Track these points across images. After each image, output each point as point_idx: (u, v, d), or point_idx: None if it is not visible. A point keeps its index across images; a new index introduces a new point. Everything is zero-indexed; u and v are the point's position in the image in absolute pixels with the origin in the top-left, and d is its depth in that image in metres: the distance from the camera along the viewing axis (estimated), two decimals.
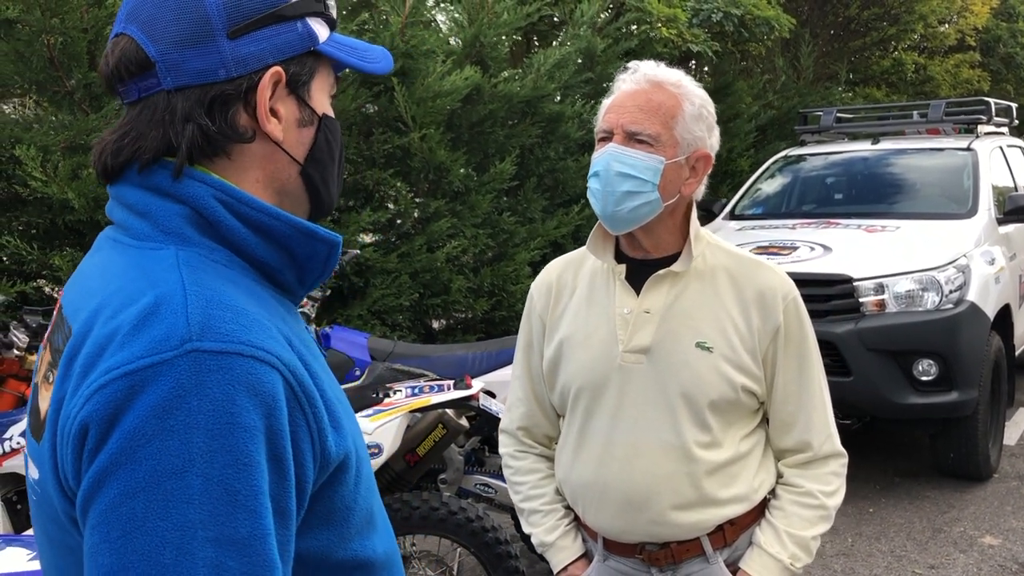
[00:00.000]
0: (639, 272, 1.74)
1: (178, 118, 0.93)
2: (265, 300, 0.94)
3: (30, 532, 2.02)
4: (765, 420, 1.79)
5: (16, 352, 2.85)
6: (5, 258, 3.83)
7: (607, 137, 1.69)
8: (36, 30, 3.85)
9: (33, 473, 0.96)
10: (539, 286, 1.90)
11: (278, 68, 0.95)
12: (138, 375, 0.81)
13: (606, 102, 1.73)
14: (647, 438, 1.69)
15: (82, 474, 0.82)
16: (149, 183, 0.94)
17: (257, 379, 0.83)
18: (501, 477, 3.48)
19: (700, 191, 1.75)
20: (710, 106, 1.73)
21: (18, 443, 2.73)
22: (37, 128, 3.92)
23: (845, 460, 1.78)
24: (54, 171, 3.80)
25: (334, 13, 1.04)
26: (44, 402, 0.92)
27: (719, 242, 1.80)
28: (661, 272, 1.72)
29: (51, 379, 0.91)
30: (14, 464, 2.72)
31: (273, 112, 0.96)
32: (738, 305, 1.71)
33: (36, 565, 1.67)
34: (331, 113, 1.04)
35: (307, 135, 1.00)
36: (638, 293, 1.73)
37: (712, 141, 1.73)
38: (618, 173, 1.65)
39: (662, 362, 1.70)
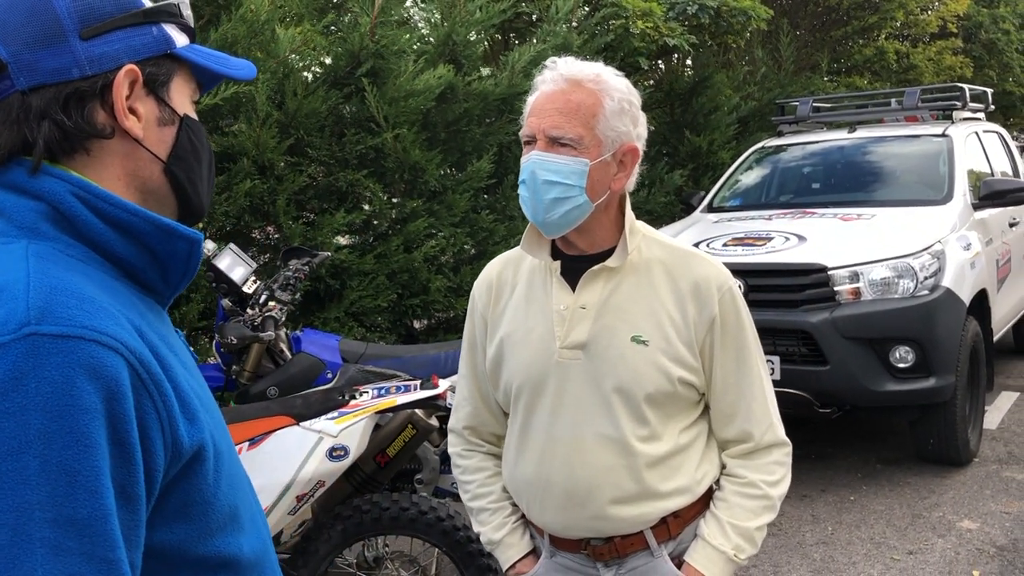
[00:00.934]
0: (575, 268, 1.74)
1: (33, 115, 0.95)
2: (120, 294, 0.96)
3: None
4: (707, 411, 1.79)
5: None
6: None
7: (531, 142, 1.67)
8: None
9: None
10: (480, 285, 1.89)
11: (133, 67, 0.99)
12: None
13: (529, 101, 1.71)
14: (586, 433, 1.69)
15: None
16: (4, 180, 0.96)
17: (99, 362, 0.85)
18: None
19: (631, 183, 1.74)
20: (634, 97, 1.70)
21: None
22: None
23: (788, 449, 1.78)
24: None
25: (191, 22, 1.08)
26: None
27: (655, 235, 1.80)
28: (596, 268, 1.71)
29: None
30: None
31: (132, 111, 1.00)
32: (673, 297, 1.70)
33: None
34: (193, 115, 1.07)
35: (168, 134, 1.04)
36: (574, 289, 1.73)
37: (639, 131, 1.71)
38: (544, 181, 1.64)
39: (598, 357, 1.69)
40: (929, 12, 13.06)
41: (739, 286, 1.78)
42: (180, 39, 1.05)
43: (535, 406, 1.75)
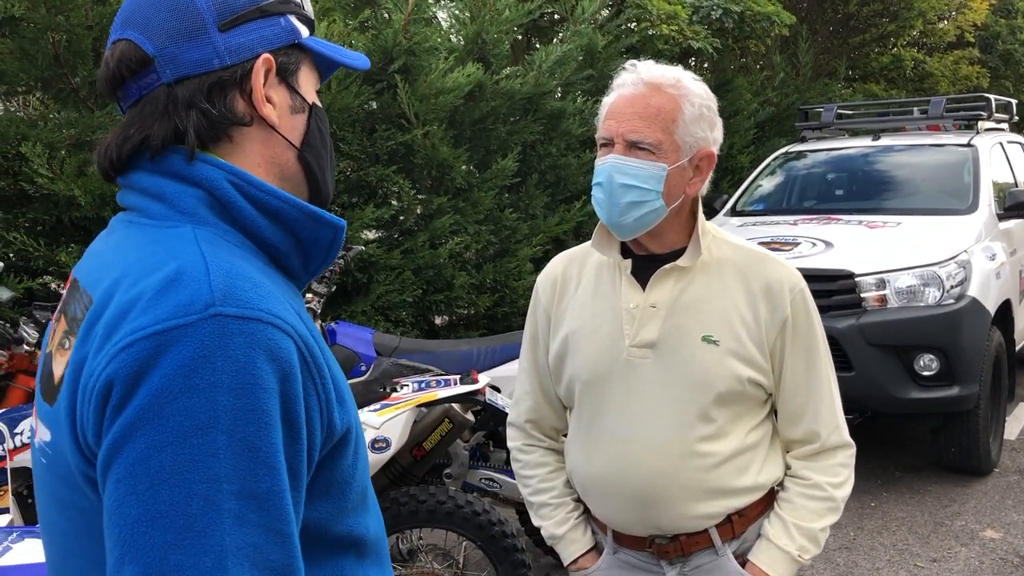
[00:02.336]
0: (645, 267, 1.75)
1: (181, 106, 0.98)
2: (274, 279, 0.99)
3: None
4: (774, 412, 1.81)
5: (26, 348, 2.87)
6: (12, 255, 3.85)
7: (608, 144, 1.69)
8: (41, 27, 3.86)
9: (44, 436, 0.99)
10: (544, 280, 1.91)
11: (268, 55, 1.02)
12: (164, 336, 0.84)
13: (606, 102, 1.72)
14: (654, 432, 1.71)
15: (104, 430, 0.85)
16: (162, 168, 0.99)
17: (275, 344, 0.88)
18: (506, 472, 3.50)
19: (705, 187, 1.76)
20: (712, 102, 1.72)
21: (29, 438, 2.74)
22: (43, 125, 3.93)
23: (853, 451, 1.80)
24: (60, 168, 3.81)
25: (311, 14, 1.11)
26: (59, 367, 0.96)
27: (725, 235, 1.81)
28: (667, 267, 1.73)
29: (67, 345, 0.95)
30: (25, 459, 2.74)
31: (268, 99, 1.02)
32: (745, 297, 1.72)
33: None
34: (319, 103, 1.11)
35: (300, 121, 1.07)
36: (644, 288, 1.74)
37: (715, 136, 1.72)
38: (621, 184, 1.65)
39: (668, 356, 1.71)
40: (947, 21, 13.06)
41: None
42: (303, 30, 1.08)
43: (601, 403, 1.77)
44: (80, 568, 0.96)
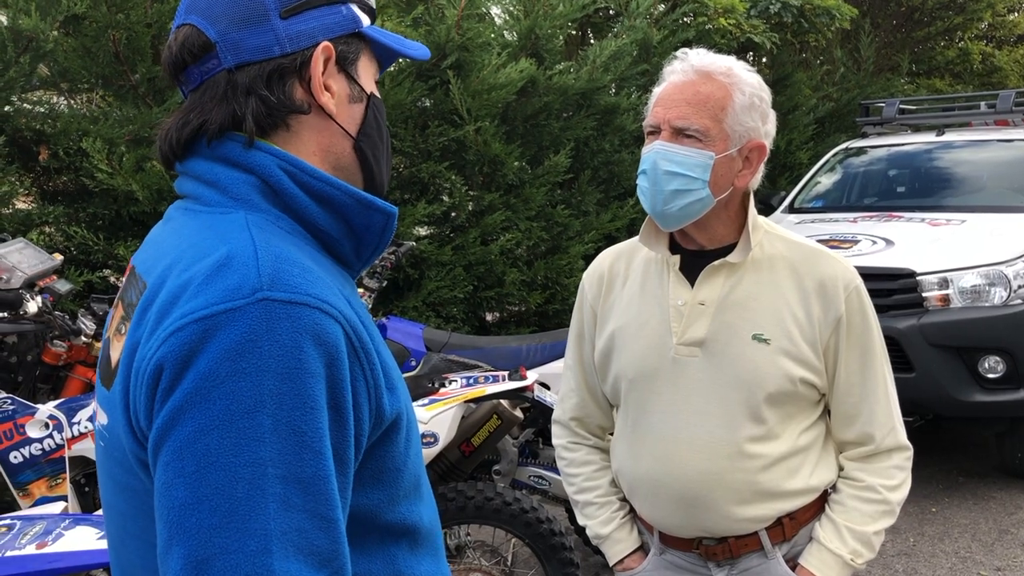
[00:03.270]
0: (693, 263, 1.71)
1: (240, 92, 0.99)
2: (325, 265, 0.99)
3: (99, 512, 2.08)
4: (826, 412, 1.75)
5: (84, 339, 2.93)
6: (73, 248, 3.94)
7: (655, 132, 1.65)
8: (102, 25, 3.94)
9: (102, 419, 1.01)
10: (591, 275, 1.88)
11: (328, 44, 1.02)
12: (212, 320, 0.85)
13: (655, 92, 1.69)
14: (702, 432, 1.67)
15: (154, 413, 0.86)
16: (217, 155, 1.00)
17: (322, 329, 0.87)
18: (555, 469, 3.48)
19: (756, 180, 1.71)
20: (764, 93, 1.67)
21: (86, 427, 2.80)
22: (103, 121, 4.01)
23: (910, 454, 1.74)
24: (119, 163, 3.89)
25: (373, 3, 1.10)
26: (116, 352, 0.98)
27: (777, 231, 1.76)
28: (716, 263, 1.69)
29: (123, 331, 0.96)
30: (83, 448, 2.80)
31: (327, 87, 1.02)
32: (798, 295, 1.67)
33: (105, 544, 1.71)
34: (377, 93, 1.10)
35: (358, 111, 1.06)
36: (692, 284, 1.70)
37: (767, 128, 1.68)
38: (666, 172, 1.62)
39: (717, 355, 1.67)
40: (1017, 13, 12.66)
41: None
42: (364, 19, 1.07)
43: (648, 402, 1.73)
44: (137, 548, 0.97)
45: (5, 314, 2.80)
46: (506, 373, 3.17)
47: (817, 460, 1.71)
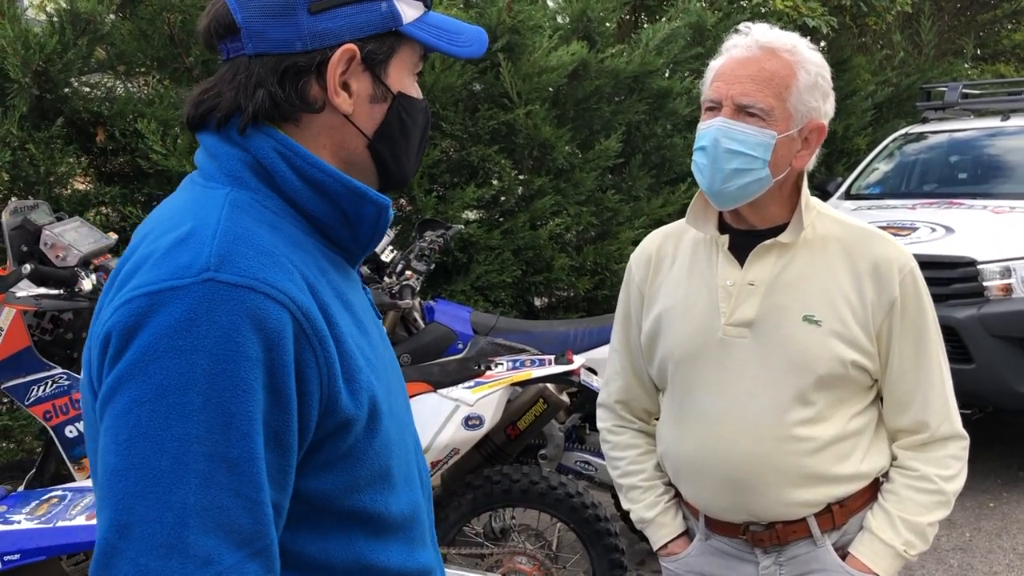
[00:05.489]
0: (743, 243, 1.67)
1: (252, 82, 1.00)
2: (305, 248, 1.00)
3: None
4: (879, 399, 1.70)
5: None
6: (128, 228, 4.01)
7: (715, 108, 1.61)
8: (158, 8, 3.99)
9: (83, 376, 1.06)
10: (638, 257, 1.85)
11: (351, 45, 1.00)
12: (158, 296, 0.88)
13: (714, 66, 1.64)
14: (751, 414, 1.63)
15: (103, 377, 0.90)
16: (224, 133, 1.02)
17: (265, 314, 0.89)
18: (601, 455, 3.45)
19: (813, 162, 1.67)
20: (826, 72, 1.63)
21: None
22: (158, 104, 4.07)
23: (966, 443, 1.68)
24: (173, 145, 3.94)
25: None
26: None
27: (830, 211, 1.72)
28: (767, 243, 1.65)
29: None
30: None
31: (345, 86, 1.01)
32: (851, 277, 1.62)
33: None
34: (411, 92, 1.08)
35: (379, 111, 1.05)
36: (742, 264, 1.67)
37: (827, 108, 1.64)
38: (727, 150, 1.57)
39: (767, 336, 1.63)
40: None
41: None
42: (410, 12, 1.04)
43: (695, 383, 1.70)
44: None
45: (61, 291, 2.85)
46: (552, 357, 3.15)
47: (868, 446, 1.67)
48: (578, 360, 3.13)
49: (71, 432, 2.87)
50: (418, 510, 1.10)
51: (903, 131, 6.54)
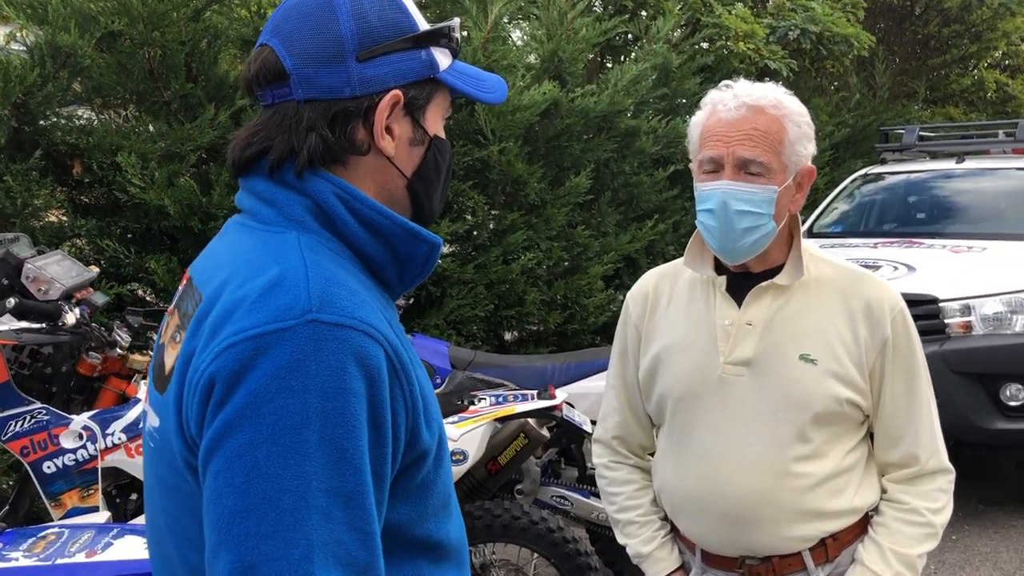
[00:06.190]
0: (739, 284, 1.74)
1: (303, 127, 1.02)
2: (370, 288, 1.03)
3: (138, 520, 2.10)
4: (869, 434, 1.77)
5: (119, 351, 2.95)
6: (104, 261, 3.98)
7: (714, 169, 1.66)
8: (138, 43, 4.00)
9: (153, 422, 1.06)
10: (635, 295, 1.90)
11: (397, 91, 1.04)
12: (264, 339, 0.90)
13: (699, 122, 1.70)
14: (749, 451, 1.69)
15: (205, 423, 0.91)
16: (277, 177, 1.04)
17: (365, 351, 0.92)
18: (577, 490, 3.48)
19: (802, 202, 1.75)
20: (807, 117, 1.71)
21: (119, 439, 2.82)
22: (135, 137, 4.06)
23: (952, 476, 1.76)
24: (151, 178, 3.93)
25: (457, 44, 1.12)
26: (170, 359, 1.02)
27: (821, 253, 1.79)
28: (764, 284, 1.71)
29: (178, 339, 1.01)
30: (116, 459, 2.81)
31: (388, 130, 1.05)
32: (844, 317, 1.69)
33: None
34: (442, 134, 1.12)
35: (417, 153, 1.09)
36: (739, 305, 1.73)
37: (812, 149, 1.72)
38: (737, 211, 1.63)
39: (765, 375, 1.69)
40: None
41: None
42: (444, 61, 1.09)
43: (693, 420, 1.75)
44: (176, 545, 1.02)
45: (43, 324, 2.83)
46: (535, 392, 3.19)
47: (860, 481, 1.73)
48: (560, 395, 3.17)
49: (49, 468, 2.83)
50: (465, 536, 1.14)
51: (862, 172, 6.74)
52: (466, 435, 2.97)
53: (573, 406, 3.52)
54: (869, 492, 1.74)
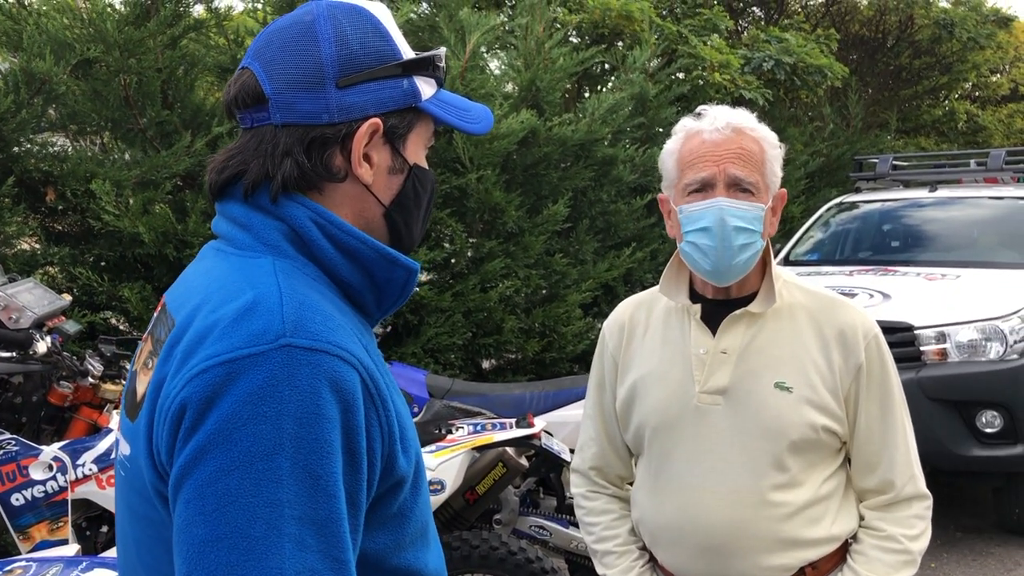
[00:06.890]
0: (714, 312, 1.74)
1: (279, 151, 1.01)
2: (347, 313, 1.01)
3: (108, 553, 2.05)
4: (847, 461, 1.76)
5: (91, 380, 2.91)
6: (77, 290, 3.93)
7: (703, 189, 1.66)
8: (113, 70, 3.99)
9: (124, 450, 1.04)
10: (611, 325, 1.90)
11: (376, 120, 1.03)
12: (236, 364, 0.88)
13: (675, 149, 1.71)
14: (725, 480, 1.68)
15: (176, 451, 0.89)
16: (253, 201, 1.03)
17: (340, 376, 0.90)
18: (556, 520, 3.46)
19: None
20: (778, 141, 1.74)
21: (90, 470, 2.77)
22: (110, 164, 4.04)
23: (929, 503, 1.75)
24: (125, 206, 3.91)
25: (443, 73, 1.11)
26: (142, 386, 1.00)
27: (795, 280, 1.80)
28: (738, 312, 1.71)
29: (150, 366, 0.99)
30: (86, 491, 2.76)
31: (367, 157, 1.04)
32: (818, 343, 1.70)
33: None
34: (423, 163, 1.11)
35: (396, 182, 1.08)
36: (714, 333, 1.72)
37: (780, 175, 1.74)
38: (735, 228, 1.64)
39: (740, 403, 1.69)
40: (1000, 75, 12.95)
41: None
42: (427, 90, 1.08)
43: (671, 450, 1.74)
44: (147, 575, 1.00)
45: (13, 354, 2.78)
46: (513, 420, 3.17)
47: (838, 509, 1.72)
48: (539, 423, 3.15)
49: (18, 500, 2.78)
50: (443, 565, 1.12)
51: (837, 200, 6.80)
52: (444, 464, 2.94)
53: (552, 435, 3.50)
54: (848, 520, 1.73)
